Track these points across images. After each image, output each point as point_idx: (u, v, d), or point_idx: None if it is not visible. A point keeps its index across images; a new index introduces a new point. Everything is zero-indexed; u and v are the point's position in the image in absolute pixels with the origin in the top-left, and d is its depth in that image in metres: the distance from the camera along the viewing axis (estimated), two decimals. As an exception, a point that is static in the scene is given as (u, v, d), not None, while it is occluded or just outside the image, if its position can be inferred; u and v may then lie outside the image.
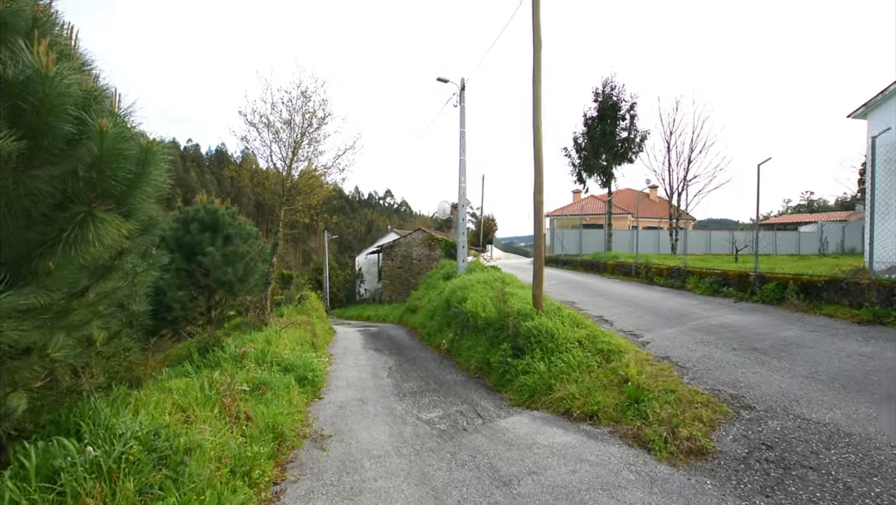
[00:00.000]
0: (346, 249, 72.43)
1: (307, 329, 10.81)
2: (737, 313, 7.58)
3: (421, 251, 25.92)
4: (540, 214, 6.99)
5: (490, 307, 8.12)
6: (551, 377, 5.46)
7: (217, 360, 7.02)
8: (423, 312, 13.44)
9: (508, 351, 6.35)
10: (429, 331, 11.02)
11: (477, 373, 7.11)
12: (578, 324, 6.68)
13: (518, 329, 6.61)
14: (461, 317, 9.09)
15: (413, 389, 6.40)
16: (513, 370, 6.07)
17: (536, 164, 6.99)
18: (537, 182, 6.96)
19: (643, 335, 6.71)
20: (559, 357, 5.76)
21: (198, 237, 12.45)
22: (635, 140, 24.78)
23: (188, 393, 4.09)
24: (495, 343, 7.14)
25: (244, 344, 7.68)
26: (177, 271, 12.47)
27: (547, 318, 6.68)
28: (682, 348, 5.92)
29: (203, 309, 13.48)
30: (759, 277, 8.52)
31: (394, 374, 7.53)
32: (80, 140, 2.28)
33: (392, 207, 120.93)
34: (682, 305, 8.57)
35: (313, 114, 11.60)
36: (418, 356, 9.12)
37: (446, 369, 7.67)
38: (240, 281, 13.47)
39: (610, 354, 5.68)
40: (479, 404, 5.53)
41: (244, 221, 14.47)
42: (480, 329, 7.94)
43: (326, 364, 8.14)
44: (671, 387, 4.60)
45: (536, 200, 6.98)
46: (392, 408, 5.51)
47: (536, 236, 7.02)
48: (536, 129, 6.92)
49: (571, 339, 6.10)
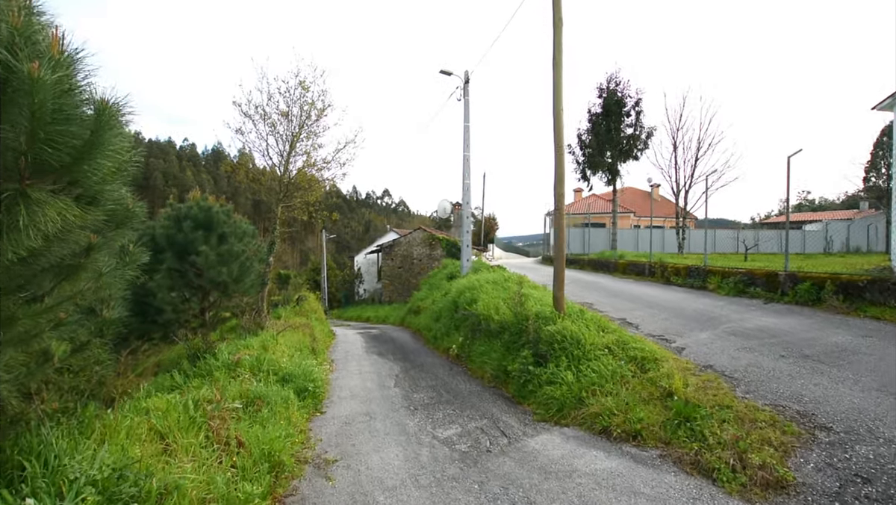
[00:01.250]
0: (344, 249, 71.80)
1: (306, 332, 10.20)
2: (771, 316, 7.02)
3: (422, 251, 25.33)
4: (561, 207, 6.41)
5: (504, 309, 7.54)
6: (581, 389, 4.88)
7: (209, 368, 6.44)
8: (428, 313, 12.85)
9: (529, 358, 5.76)
10: (435, 334, 10.43)
11: (493, 382, 6.52)
12: (605, 328, 6.11)
13: (539, 334, 6.03)
14: (471, 320, 8.50)
15: (424, 401, 5.80)
16: (535, 380, 5.48)
17: (557, 153, 6.41)
18: (558, 173, 6.38)
19: (675, 340, 6.13)
20: (588, 366, 5.18)
21: (191, 235, 11.84)
22: (641, 137, 24.25)
23: (169, 414, 3.48)
24: (512, 349, 6.56)
25: (238, 350, 7.08)
26: (168, 271, 11.85)
27: (570, 321, 6.10)
28: (723, 355, 5.35)
29: (196, 311, 12.87)
30: (791, 276, 7.97)
31: (401, 382, 6.94)
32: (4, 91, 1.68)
33: (390, 207, 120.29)
34: (708, 307, 8.01)
35: (312, 105, 10.99)
36: (425, 362, 8.52)
37: (458, 377, 7.09)
38: (235, 282, 12.84)
39: (645, 362, 5.10)
40: (500, 419, 4.94)
41: (240, 219, 13.85)
42: (494, 333, 7.35)
43: (327, 372, 7.54)
44: (725, 402, 4.03)
45: (557, 192, 6.40)
46: (403, 424, 4.92)
47: (558, 232, 6.44)
48: (557, 116, 6.34)
49: (599, 345, 5.53)
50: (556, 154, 6.43)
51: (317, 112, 11.18)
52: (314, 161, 11.46)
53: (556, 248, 6.42)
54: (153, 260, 12.14)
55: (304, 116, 11.02)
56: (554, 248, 6.47)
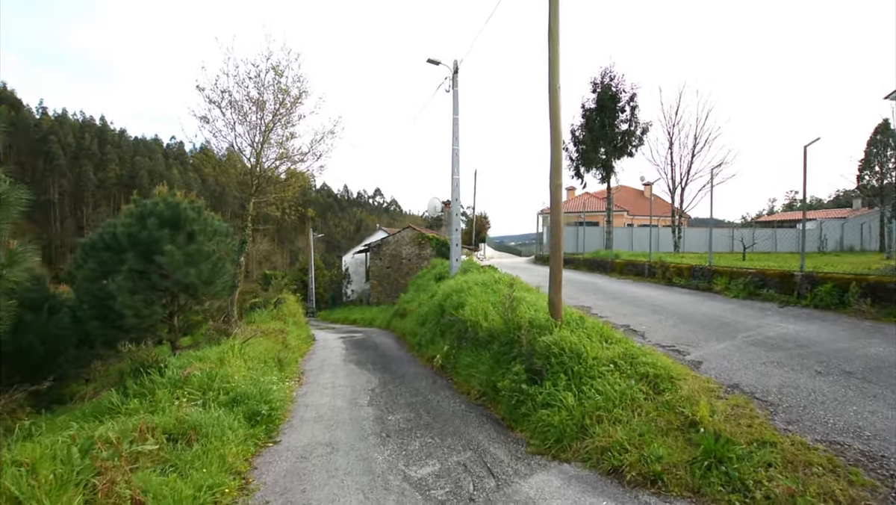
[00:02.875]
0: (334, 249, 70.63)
1: (278, 340, 9.30)
2: (791, 322, 6.27)
3: (411, 250, 24.46)
4: (559, 200, 5.59)
5: (494, 315, 6.71)
6: (584, 414, 4.07)
7: (152, 386, 5.54)
8: (413, 317, 12.01)
9: (522, 375, 4.94)
10: (419, 340, 9.59)
11: (480, 399, 5.70)
12: (608, 338, 5.30)
13: (533, 346, 5.20)
14: (458, 326, 7.67)
15: (400, 425, 4.95)
16: (529, 401, 4.66)
17: (553, 138, 5.59)
18: (555, 160, 5.56)
19: (689, 351, 5.35)
20: (591, 385, 4.37)
21: (156, 234, 10.86)
22: (636, 133, 23.63)
23: (40, 467, 2.60)
24: (502, 362, 5.73)
25: (190, 364, 6.18)
26: (129, 273, 10.86)
27: (569, 330, 5.29)
28: (749, 371, 4.57)
29: (162, 316, 11.89)
30: (808, 277, 7.24)
31: (377, 399, 6.08)
32: None
33: (381, 206, 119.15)
34: (718, 311, 7.25)
35: (286, 91, 10.07)
36: (407, 373, 7.68)
37: (441, 392, 6.25)
38: (205, 284, 11.88)
39: (658, 380, 4.30)
40: (487, 451, 4.11)
41: (211, 217, 12.87)
42: (482, 342, 6.52)
43: (293, 388, 6.65)
44: (764, 436, 3.24)
45: (554, 183, 5.59)
46: (370, 459, 4.06)
47: (555, 229, 5.62)
48: (553, 95, 5.53)
49: (604, 359, 4.72)
50: (552, 139, 5.62)
51: (291, 99, 10.28)
52: (289, 153, 10.54)
53: (552, 246, 5.61)
54: (113, 260, 11.15)
55: (278, 104, 10.10)
56: (550, 247, 5.66)
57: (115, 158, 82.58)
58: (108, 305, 10.72)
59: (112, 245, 11.21)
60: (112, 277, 10.61)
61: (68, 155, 77.81)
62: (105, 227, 11.44)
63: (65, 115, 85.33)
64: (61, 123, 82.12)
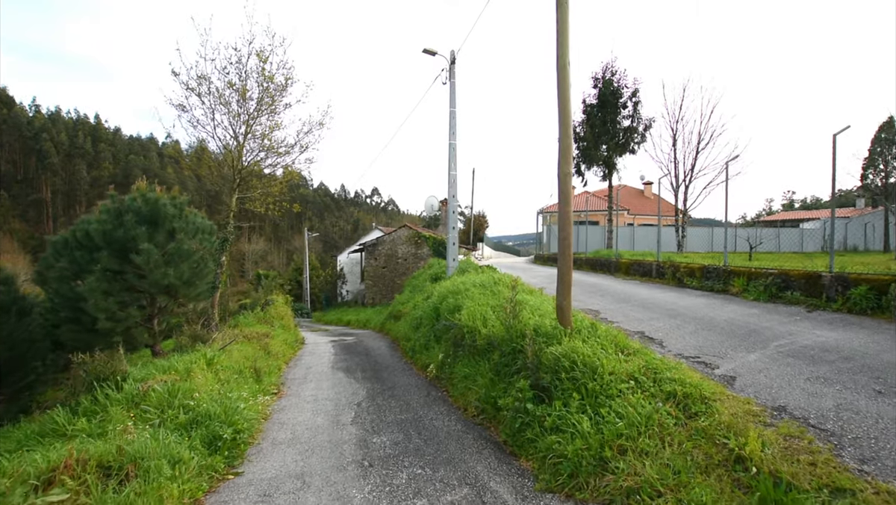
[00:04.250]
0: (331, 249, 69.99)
1: (260, 345, 8.61)
2: (826, 328, 5.62)
3: (407, 249, 23.77)
4: (567, 192, 4.93)
5: (494, 321, 6.04)
6: (603, 444, 3.40)
7: (106, 402, 4.86)
8: (408, 319, 11.33)
9: (527, 392, 4.26)
10: (413, 345, 8.91)
11: (478, 417, 5.02)
12: (624, 348, 4.64)
13: (540, 358, 4.53)
14: (454, 332, 7.00)
15: (386, 451, 4.27)
16: (536, 424, 3.99)
17: (562, 120, 4.92)
18: (563, 146, 4.89)
19: (717, 364, 4.68)
20: (610, 406, 3.70)
21: (132, 232, 10.12)
22: (638, 129, 23.00)
23: None
24: (504, 374, 5.06)
25: (153, 376, 5.49)
26: (103, 273, 10.13)
27: (580, 340, 4.62)
28: (794, 390, 3.90)
29: (140, 319, 11.16)
30: (839, 278, 6.60)
31: (362, 416, 5.40)
32: None
33: (379, 206, 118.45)
34: (741, 316, 6.59)
35: (270, 78, 9.37)
36: (398, 383, 7.00)
37: (435, 407, 5.57)
38: (186, 285, 11.14)
39: (689, 401, 3.64)
40: (488, 487, 3.44)
41: (194, 213, 12.15)
42: (481, 351, 5.85)
43: (270, 402, 5.96)
44: (836, 480, 2.58)
45: (562, 171, 4.92)
46: (347, 497, 3.38)
47: (562, 223, 4.95)
48: (562, 71, 4.85)
49: (622, 374, 4.05)
50: (560, 123, 4.95)
51: (277, 87, 9.58)
52: (273, 144, 9.84)
53: (561, 244, 4.93)
54: (86, 260, 10.43)
55: (262, 91, 9.40)
56: (558, 245, 4.98)
57: (109, 157, 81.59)
58: (80, 308, 10.03)
59: (85, 243, 10.49)
60: (84, 278, 9.93)
61: (61, 153, 76.79)
62: (78, 224, 10.73)
63: (58, 112, 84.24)
64: (54, 121, 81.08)
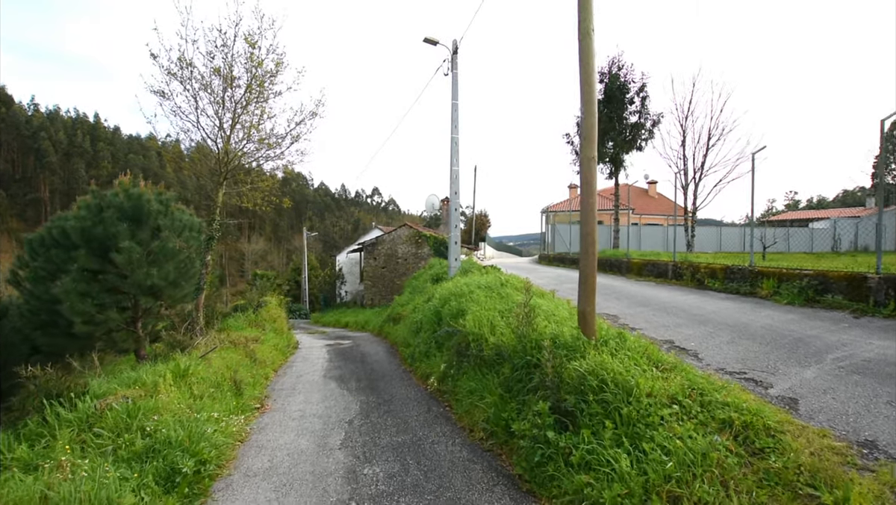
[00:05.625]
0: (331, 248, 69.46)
1: (246, 352, 7.92)
2: (884, 337, 4.92)
3: (407, 249, 23.08)
4: (591, 179, 4.23)
5: (503, 328, 5.35)
6: (649, 490, 2.71)
7: (56, 423, 4.19)
8: (407, 323, 10.64)
9: (546, 416, 3.57)
10: (413, 352, 8.23)
11: (487, 440, 4.32)
12: (659, 363, 3.94)
13: (561, 374, 3.84)
14: (457, 339, 6.31)
15: (378, 486, 3.58)
16: (559, 458, 3.29)
17: (585, 96, 4.23)
18: (587, 125, 4.20)
19: (770, 381, 3.98)
20: (650, 437, 3.02)
21: (112, 229, 9.42)
22: (646, 125, 22.30)
23: None
24: (516, 391, 4.37)
25: (114, 391, 4.81)
26: (80, 273, 9.43)
27: (608, 353, 3.92)
28: (878, 419, 3.20)
29: (123, 322, 10.47)
30: (888, 280, 5.89)
31: (353, 437, 4.71)
32: None
33: (379, 206, 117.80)
34: (779, 322, 5.89)
35: (259, 64, 8.69)
36: (396, 395, 6.31)
37: (437, 427, 4.88)
38: (171, 286, 10.43)
39: (750, 433, 2.95)
40: (502, 543, 2.75)
41: (181, 210, 11.45)
42: (489, 363, 5.15)
43: (250, 419, 5.26)
44: None
45: (585, 155, 4.22)
46: (326, 557, 2.69)
47: (586, 217, 4.26)
48: (585, 39, 4.16)
49: (662, 396, 3.36)
50: (583, 99, 4.25)
51: (266, 74, 8.90)
52: (263, 136, 9.16)
53: (583, 241, 4.24)
54: (63, 259, 9.75)
55: (251, 77, 8.72)
56: (581, 241, 4.28)
57: (108, 156, 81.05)
58: (56, 311, 9.37)
59: (62, 241, 9.81)
60: (58, 278, 9.27)
61: (59, 152, 76.26)
62: (55, 221, 10.05)
63: (57, 111, 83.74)
64: (52, 120, 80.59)
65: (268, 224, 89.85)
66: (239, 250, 75.89)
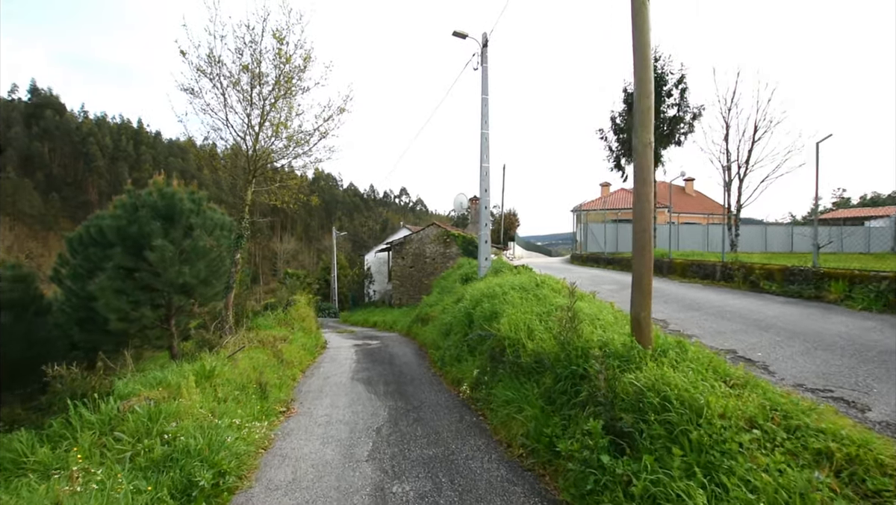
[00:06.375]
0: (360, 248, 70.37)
1: (273, 352, 7.78)
2: None
3: (435, 249, 22.80)
4: (647, 164, 3.74)
5: (542, 333, 4.92)
6: (733, 535, 2.24)
7: (77, 425, 4.06)
8: (436, 324, 10.31)
9: (599, 437, 3.13)
10: (443, 355, 7.88)
11: (527, 458, 3.91)
12: (727, 377, 3.43)
13: (614, 388, 3.39)
14: (490, 343, 5.92)
15: (408, 508, 3.24)
16: (617, 487, 2.85)
17: (640, 73, 3.75)
18: (642, 107, 3.72)
19: (866, 403, 3.40)
20: (728, 468, 2.54)
21: (146, 227, 9.53)
22: (685, 119, 21.20)
23: None
24: (560, 405, 3.94)
25: (138, 392, 4.68)
26: (116, 271, 9.58)
27: (668, 365, 3.44)
28: None
29: (155, 319, 10.61)
30: None
31: (381, 448, 4.39)
32: None
33: (407, 206, 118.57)
34: (858, 331, 5.20)
35: (287, 60, 8.56)
36: (426, 401, 5.97)
37: (471, 439, 4.51)
38: (202, 284, 10.50)
39: (857, 468, 2.43)
40: (554, 589, 2.34)
41: (213, 209, 11.53)
42: (527, 371, 4.73)
43: (275, 425, 5.04)
44: None
45: (641, 140, 3.74)
46: None
47: (640, 208, 3.78)
48: (639, 8, 3.68)
49: (736, 417, 2.86)
50: (637, 77, 3.77)
51: (295, 69, 8.76)
52: (292, 133, 9.03)
53: (637, 237, 3.76)
54: (99, 257, 9.94)
55: (279, 73, 8.60)
56: (634, 238, 3.80)
57: (150, 159, 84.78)
58: (93, 307, 9.56)
59: (99, 240, 10.01)
60: (95, 276, 9.45)
61: (106, 157, 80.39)
62: (92, 220, 10.27)
63: (104, 118, 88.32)
64: (100, 126, 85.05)
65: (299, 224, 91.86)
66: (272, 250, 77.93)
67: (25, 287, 10.69)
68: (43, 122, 78.37)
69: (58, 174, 77.98)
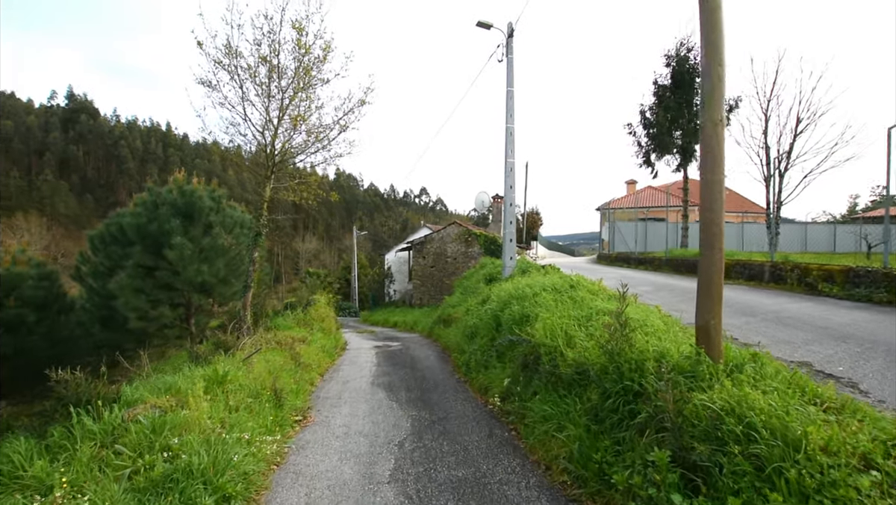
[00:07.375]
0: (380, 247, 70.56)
1: (291, 355, 7.45)
2: None
3: (456, 248, 22.34)
4: (716, 147, 3.20)
5: (584, 340, 4.39)
6: None
7: (79, 435, 3.76)
8: (460, 326, 9.85)
9: (666, 470, 2.60)
10: (468, 360, 7.41)
11: (571, 486, 3.40)
12: (816, 398, 2.85)
13: (682, 410, 2.85)
14: (523, 349, 5.41)
15: (436, 546, 2.78)
16: (694, 535, 2.33)
17: (709, 43, 3.20)
18: (712, 81, 3.17)
19: None
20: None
21: (166, 225, 9.35)
22: (720, 111, 20.06)
23: None
24: (610, 425, 3.41)
25: (145, 399, 4.37)
26: (135, 269, 9.45)
27: (748, 383, 2.88)
28: None
29: (174, 318, 10.47)
30: None
31: (404, 467, 3.95)
32: None
33: (427, 206, 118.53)
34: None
35: (307, 51, 8.24)
36: (452, 411, 5.51)
37: (503, 458, 4.02)
38: (221, 283, 10.32)
39: None
40: None
41: (232, 207, 11.35)
42: (567, 382, 4.21)
43: (289, 437, 4.66)
44: None
45: (710, 119, 3.20)
46: None
47: (709, 197, 3.23)
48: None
49: (844, 452, 2.30)
50: (705, 47, 3.23)
51: (314, 61, 8.43)
52: (311, 127, 8.72)
53: (704, 231, 3.22)
54: (120, 255, 9.84)
55: (299, 65, 8.29)
56: (701, 231, 3.26)
57: (178, 161, 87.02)
58: (113, 306, 9.46)
59: (119, 237, 9.91)
60: (115, 274, 9.35)
61: (136, 159, 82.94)
62: (113, 218, 10.19)
63: (134, 121, 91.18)
64: (131, 129, 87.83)
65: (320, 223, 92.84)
66: (294, 249, 78.88)
67: (49, 285, 10.70)
68: (78, 126, 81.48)
69: (91, 176, 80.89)
